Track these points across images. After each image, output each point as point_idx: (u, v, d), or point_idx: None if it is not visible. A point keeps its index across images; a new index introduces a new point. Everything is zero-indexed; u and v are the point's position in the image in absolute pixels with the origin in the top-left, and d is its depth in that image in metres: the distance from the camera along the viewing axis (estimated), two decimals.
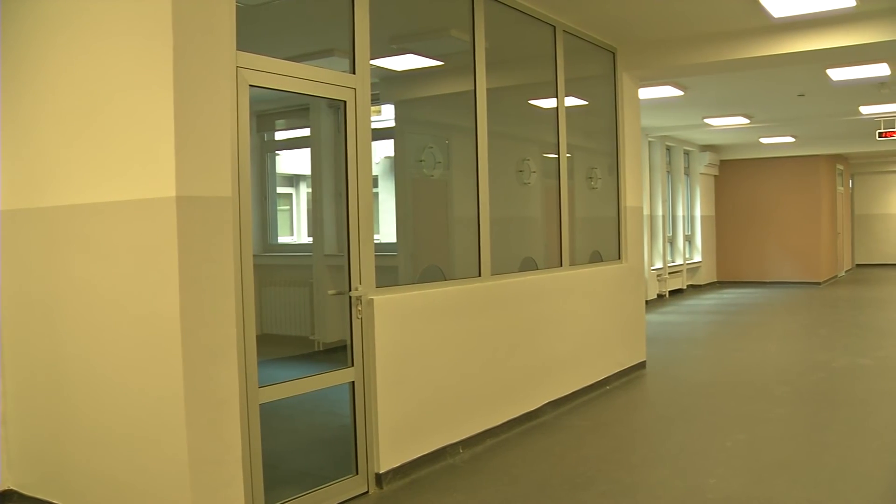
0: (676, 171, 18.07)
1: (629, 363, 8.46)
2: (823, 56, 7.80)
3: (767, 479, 5.18)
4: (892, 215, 25.58)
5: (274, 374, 4.59)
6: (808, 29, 7.40)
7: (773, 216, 20.15)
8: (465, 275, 6.11)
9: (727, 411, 7.04)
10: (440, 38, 6.45)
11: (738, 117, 14.07)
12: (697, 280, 19.23)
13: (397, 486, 5.15)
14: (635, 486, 5.15)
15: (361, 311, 4.98)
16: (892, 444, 6.00)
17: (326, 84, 4.82)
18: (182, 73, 3.72)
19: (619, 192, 8.48)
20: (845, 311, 14.75)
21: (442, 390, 5.63)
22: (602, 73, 8.33)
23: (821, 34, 7.37)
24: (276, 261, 10.32)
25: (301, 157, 13.95)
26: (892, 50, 7.86)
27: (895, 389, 7.76)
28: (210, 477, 3.86)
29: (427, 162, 6.04)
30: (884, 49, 7.58)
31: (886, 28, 7.09)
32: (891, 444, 6.00)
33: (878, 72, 9.82)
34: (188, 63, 3.75)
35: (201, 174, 3.81)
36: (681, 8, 7.11)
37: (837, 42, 7.32)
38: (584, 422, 6.71)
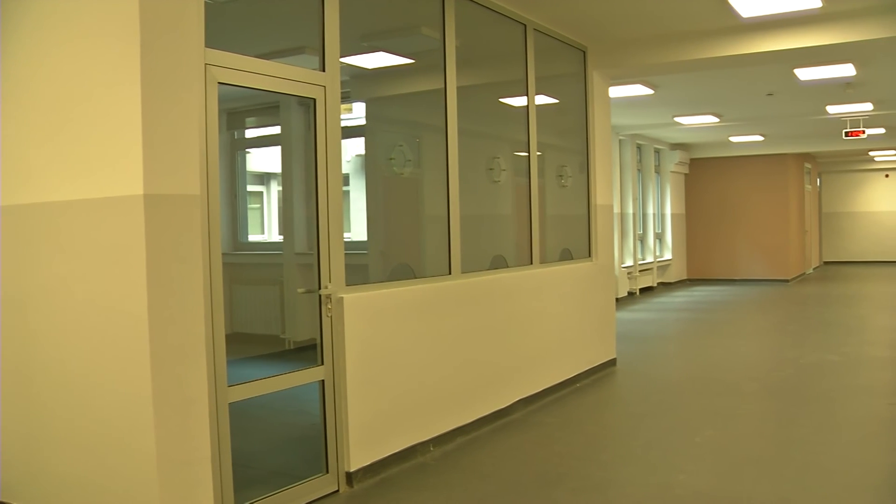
0: (647, 170, 18.16)
1: (599, 361, 8.50)
2: (791, 56, 7.87)
3: (736, 475, 5.22)
4: (858, 213, 25.87)
5: (244, 373, 4.57)
6: (776, 29, 7.47)
7: (743, 214, 20.32)
8: (435, 273, 6.11)
9: (697, 408, 7.09)
10: (411, 35, 6.44)
11: (708, 116, 14.17)
12: (668, 278, 19.34)
13: (368, 485, 5.14)
14: (605, 483, 5.18)
15: (331, 309, 4.96)
16: (858, 438, 6.07)
17: (296, 82, 4.80)
18: (149, 71, 3.68)
19: (590, 190, 8.51)
20: (813, 307, 14.90)
21: (412, 388, 5.63)
22: (572, 71, 8.35)
23: (788, 34, 7.44)
24: (246, 259, 10.26)
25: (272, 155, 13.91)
26: (858, 51, 7.95)
27: (862, 385, 7.85)
28: (179, 477, 3.83)
29: (397, 160, 6.03)
30: (849, 50, 7.67)
31: (852, 29, 7.17)
32: (857, 438, 6.07)
33: (843, 72, 9.95)
34: (155, 60, 3.71)
35: (169, 172, 3.78)
36: (651, 7, 7.15)
37: (804, 42, 7.39)
38: (555, 419, 6.73)
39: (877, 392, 7.60)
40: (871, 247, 25.65)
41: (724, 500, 4.78)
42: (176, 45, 3.84)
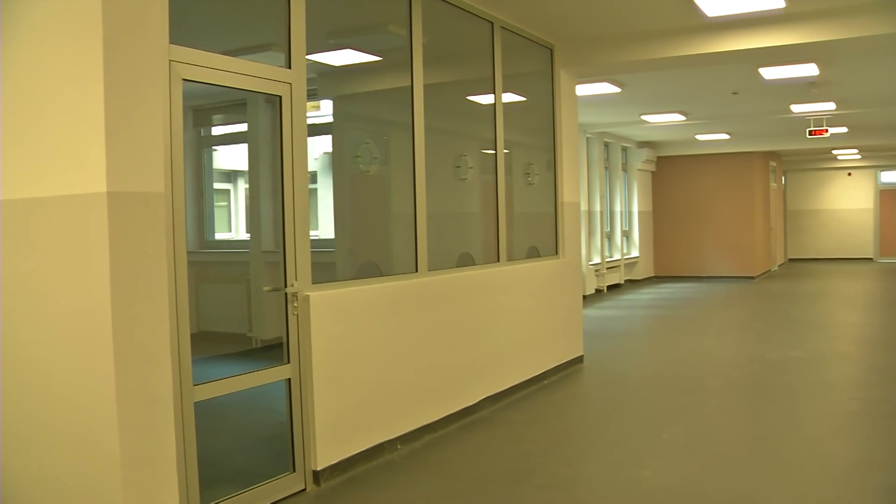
0: (614, 167, 18.25)
1: (567, 358, 8.53)
2: (755, 55, 7.95)
3: (702, 471, 5.27)
4: (822, 211, 26.18)
5: (211, 372, 4.54)
6: (741, 28, 7.54)
7: (709, 212, 20.47)
8: (402, 270, 6.10)
9: (663, 404, 7.14)
10: (378, 33, 6.42)
11: (675, 114, 14.26)
12: (635, 275, 19.45)
13: (335, 483, 5.13)
14: (573, 480, 5.20)
15: (297, 307, 4.95)
16: (821, 433, 6.15)
17: (261, 79, 4.77)
18: (112, 68, 3.64)
19: (557, 187, 8.54)
20: (778, 304, 15.05)
21: (379, 386, 5.62)
22: (540, 69, 8.37)
23: (752, 34, 7.51)
24: (213, 257, 10.19)
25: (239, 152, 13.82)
26: (820, 51, 8.04)
27: (825, 380, 7.95)
28: (143, 477, 3.80)
29: (363, 158, 6.02)
30: (812, 50, 7.76)
31: (814, 30, 7.25)
32: (820, 433, 6.15)
33: (807, 72, 10.06)
34: (119, 57, 3.68)
35: (133, 169, 3.74)
36: (617, 6, 7.18)
37: (768, 42, 7.46)
38: (522, 416, 6.75)
39: (840, 387, 7.69)
40: (835, 244, 25.99)
41: (690, 495, 4.82)
42: (139, 42, 3.80)
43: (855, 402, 7.10)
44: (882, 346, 10.02)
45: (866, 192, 25.85)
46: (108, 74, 3.62)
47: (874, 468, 5.27)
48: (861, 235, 25.81)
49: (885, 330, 11.41)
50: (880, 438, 6.01)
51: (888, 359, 9.00)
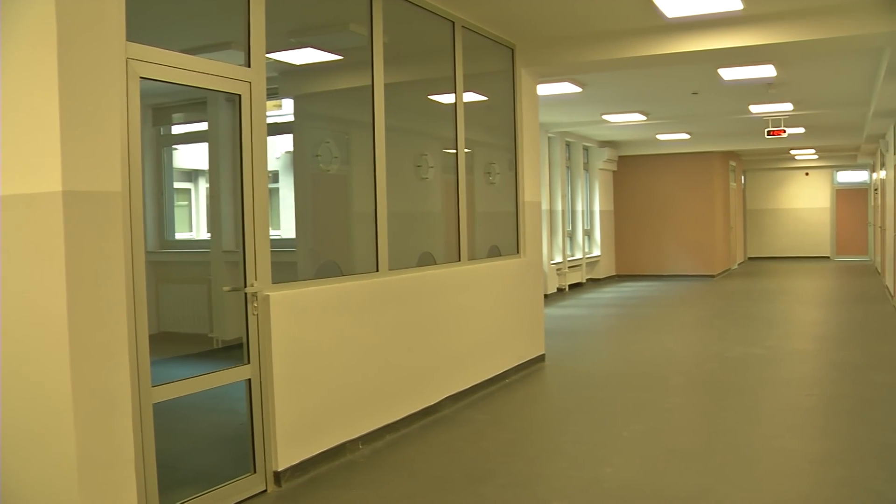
0: (576, 167, 18.33)
1: (528, 356, 8.56)
2: (714, 56, 8.02)
3: (662, 468, 5.31)
4: (781, 210, 26.51)
5: (172, 373, 4.50)
6: (700, 30, 7.60)
7: (670, 211, 20.64)
8: (363, 270, 6.09)
9: (624, 402, 7.19)
10: (339, 32, 6.41)
11: (636, 114, 14.35)
12: (597, 274, 19.56)
13: (296, 484, 5.11)
14: (534, 478, 5.22)
15: (257, 307, 4.92)
16: (778, 428, 6.23)
17: (221, 77, 4.73)
18: (67, 65, 3.60)
19: (518, 187, 8.56)
20: (738, 302, 15.21)
21: (341, 386, 5.61)
22: (501, 69, 8.39)
23: (711, 35, 7.58)
24: (173, 257, 10.10)
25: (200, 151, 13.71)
26: (777, 52, 8.14)
27: (783, 377, 8.05)
28: (100, 480, 3.76)
29: (324, 157, 6.00)
30: (769, 51, 7.84)
31: (772, 31, 7.34)
32: (778, 429, 6.23)
33: (765, 72, 10.17)
34: (73, 54, 3.63)
35: (89, 168, 3.70)
36: (578, 6, 7.22)
37: (726, 43, 7.54)
38: (484, 415, 6.76)
39: (797, 384, 7.80)
40: (793, 243, 26.33)
41: (650, 492, 4.86)
42: (96, 40, 3.76)
43: (812, 398, 7.20)
44: (838, 342, 10.18)
45: (823, 191, 26.23)
46: (62, 72, 3.58)
47: (830, 462, 5.35)
48: (818, 234, 26.18)
49: (841, 327, 11.59)
50: (836, 433, 6.10)
51: (844, 355, 9.13)
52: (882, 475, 5.01)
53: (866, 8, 7.00)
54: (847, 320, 12.28)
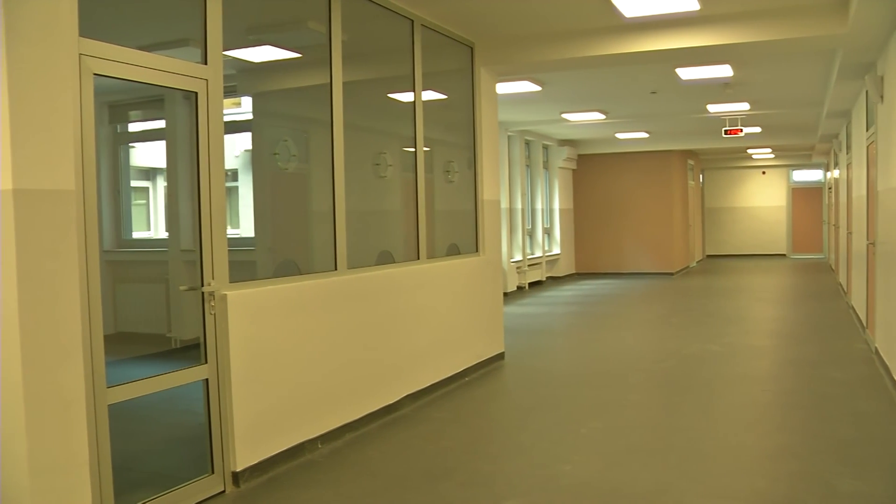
0: (535, 165, 18.40)
1: (488, 355, 8.58)
2: (672, 56, 8.09)
3: (620, 464, 5.34)
4: (738, 209, 26.81)
5: (129, 374, 4.45)
6: (657, 30, 7.66)
7: (629, 209, 20.79)
8: (321, 269, 6.06)
9: (583, 400, 7.23)
10: (297, 29, 6.36)
11: (595, 113, 14.43)
12: (556, 272, 19.64)
13: (255, 484, 5.07)
14: (493, 476, 5.23)
15: (214, 306, 4.88)
16: (735, 424, 6.30)
17: (176, 74, 4.68)
18: (16, 60, 3.54)
19: (477, 185, 8.58)
20: (696, 300, 15.36)
21: (299, 385, 5.58)
22: (460, 67, 8.39)
23: (669, 35, 7.64)
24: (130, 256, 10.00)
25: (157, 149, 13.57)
26: (734, 52, 8.22)
27: (740, 373, 8.14)
28: (53, 483, 3.70)
29: (282, 155, 5.96)
30: (726, 51, 7.92)
31: (728, 32, 7.42)
32: (734, 424, 6.30)
33: (722, 72, 10.27)
34: (23, 49, 3.57)
35: (40, 166, 3.64)
36: (537, 6, 7.24)
37: (684, 43, 7.60)
38: (443, 414, 6.76)
39: (754, 379, 7.89)
40: (750, 240, 26.66)
41: (609, 489, 4.89)
42: (46, 35, 3.70)
43: (768, 394, 7.29)
44: (794, 339, 10.31)
45: (780, 190, 26.57)
46: (11, 67, 3.52)
47: (786, 457, 5.42)
48: (775, 232, 26.53)
49: (796, 323, 11.74)
50: (791, 428, 6.18)
51: (799, 351, 9.26)
52: (837, 469, 5.08)
53: (819, 11, 7.10)
54: (803, 317, 12.44)
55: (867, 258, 9.52)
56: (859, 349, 9.19)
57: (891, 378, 7.21)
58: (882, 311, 8.06)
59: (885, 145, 7.69)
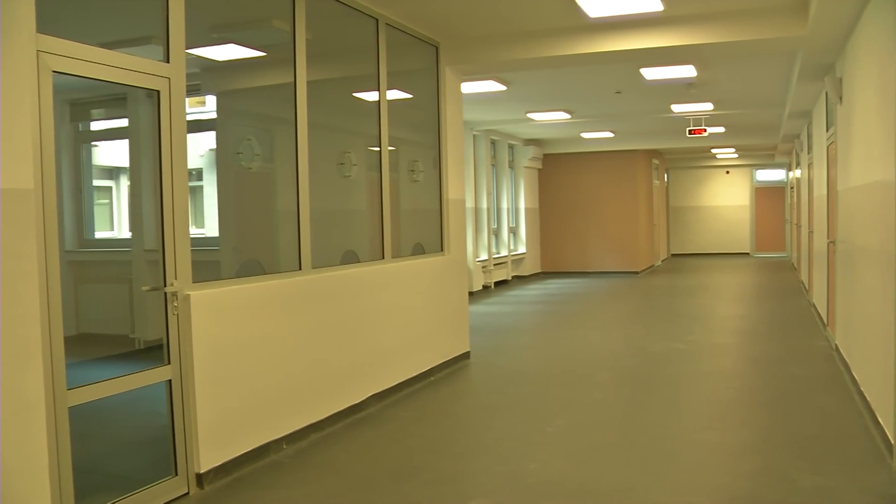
0: (501, 165, 18.44)
1: (453, 354, 8.58)
2: (636, 56, 8.13)
3: (585, 462, 5.37)
4: (703, 208, 27.04)
5: (91, 375, 4.40)
6: (622, 30, 7.71)
7: (595, 208, 20.89)
8: (285, 268, 6.03)
9: (549, 398, 7.25)
10: (261, 28, 6.33)
11: (560, 112, 14.48)
12: (522, 271, 19.69)
13: (219, 486, 5.04)
14: (459, 475, 5.23)
15: (177, 307, 4.84)
16: (699, 421, 6.35)
17: (138, 73, 4.64)
18: None
19: (442, 184, 8.58)
20: (661, 298, 15.46)
21: (264, 386, 5.55)
22: (425, 66, 8.39)
23: (633, 35, 7.69)
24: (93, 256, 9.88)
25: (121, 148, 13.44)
26: (697, 53, 8.28)
27: (705, 371, 8.21)
28: (12, 489, 3.65)
29: (245, 154, 5.92)
30: (689, 52, 7.98)
31: (691, 32, 7.48)
32: (698, 421, 6.35)
33: (686, 73, 10.35)
34: None
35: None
36: (502, 5, 7.25)
37: (648, 43, 7.66)
38: (409, 413, 6.76)
39: (718, 377, 7.96)
40: (714, 239, 26.90)
41: (574, 487, 4.91)
42: (2, 31, 3.65)
43: (732, 391, 7.36)
44: (757, 336, 10.42)
45: (743, 189, 26.84)
46: None
47: (749, 453, 5.47)
48: (739, 231, 26.80)
49: (760, 321, 11.86)
50: (754, 424, 6.25)
51: (762, 348, 9.35)
52: (799, 464, 5.14)
53: (780, 13, 7.19)
54: (766, 315, 12.57)
55: (828, 257, 9.63)
56: (820, 346, 9.29)
57: (850, 374, 7.31)
58: (842, 308, 8.16)
59: (844, 146, 7.79)
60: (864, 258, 6.46)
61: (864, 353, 6.52)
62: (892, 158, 4.95)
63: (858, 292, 6.83)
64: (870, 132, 6.06)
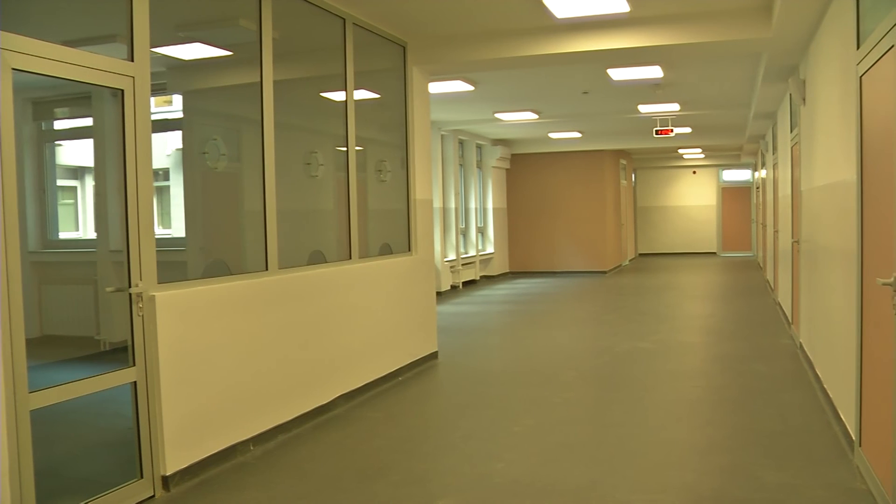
0: (469, 165, 18.46)
1: (421, 354, 8.58)
2: (603, 56, 8.18)
3: (552, 461, 5.38)
4: (670, 207, 27.23)
5: (55, 378, 4.34)
6: (589, 30, 7.75)
7: (562, 208, 20.97)
8: (252, 269, 6.00)
9: (516, 398, 7.26)
10: (228, 27, 6.29)
11: (528, 112, 14.52)
12: (490, 271, 19.73)
13: (186, 488, 5.00)
14: (426, 475, 5.23)
15: (142, 308, 4.79)
16: (665, 420, 6.39)
17: (102, 71, 4.59)
18: None
19: (409, 184, 8.57)
20: (628, 298, 15.54)
21: (231, 387, 5.51)
22: (392, 66, 8.38)
23: (600, 36, 7.74)
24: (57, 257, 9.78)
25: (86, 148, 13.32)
26: (664, 54, 8.35)
27: (671, 370, 8.26)
28: None
29: (211, 154, 5.88)
30: (656, 52, 8.04)
31: (657, 33, 7.54)
32: (665, 420, 6.39)
33: (652, 73, 10.41)
34: None
35: None
36: (469, 5, 7.26)
37: (614, 44, 7.70)
38: (377, 413, 6.75)
39: (684, 376, 8.01)
40: (681, 239, 27.10)
41: (541, 486, 4.92)
42: None
43: (698, 390, 7.40)
44: (723, 335, 10.50)
45: (710, 189, 27.06)
46: None
47: (715, 451, 5.52)
48: (705, 231, 27.01)
49: (726, 320, 11.96)
50: (721, 422, 6.30)
51: (728, 347, 9.43)
52: (764, 462, 5.19)
53: (745, 15, 7.27)
54: (732, 313, 12.68)
55: (792, 256, 9.74)
56: (785, 344, 9.39)
57: (814, 372, 7.39)
58: (806, 307, 8.25)
59: (807, 146, 7.87)
60: (826, 257, 6.54)
61: (827, 350, 6.60)
62: (853, 159, 5.01)
63: (821, 291, 6.91)
64: (832, 133, 6.14)
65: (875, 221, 4.44)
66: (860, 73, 4.79)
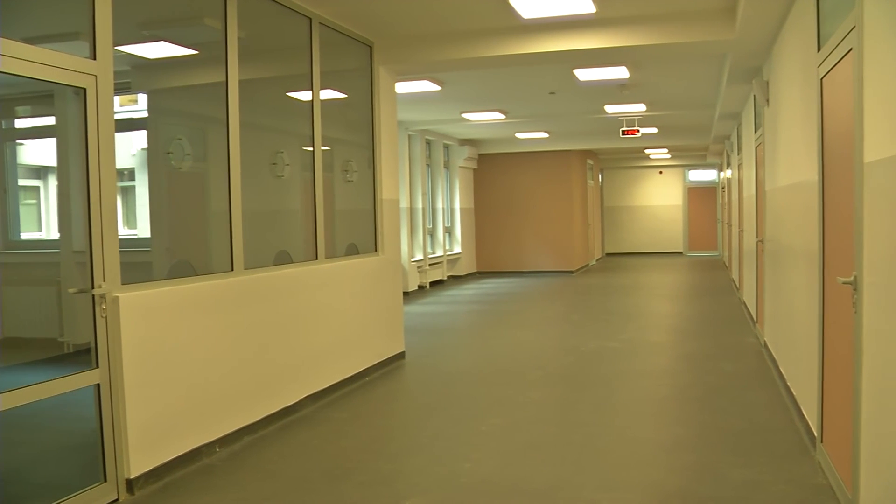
0: (436, 165, 18.46)
1: (388, 354, 8.57)
2: (569, 57, 8.22)
3: (519, 461, 5.40)
4: (636, 207, 27.40)
5: (18, 380, 4.29)
6: (555, 31, 7.79)
7: (530, 208, 21.03)
8: (217, 269, 5.96)
9: (483, 397, 7.27)
10: (192, 26, 6.24)
11: (495, 112, 14.55)
12: (458, 271, 19.75)
13: (150, 491, 4.96)
14: (394, 475, 5.23)
15: (105, 309, 4.75)
16: (632, 418, 6.44)
17: (63, 69, 4.54)
18: None
19: (376, 184, 8.56)
20: (596, 297, 15.62)
21: (196, 389, 5.48)
22: (359, 66, 8.36)
23: (566, 36, 7.78)
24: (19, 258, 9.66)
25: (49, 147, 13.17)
26: (629, 55, 8.40)
27: (638, 369, 8.31)
28: None
29: (175, 154, 5.83)
30: (622, 53, 8.08)
31: (623, 34, 7.60)
32: (631, 418, 6.44)
33: (619, 74, 10.47)
34: None
35: None
36: (436, 5, 7.26)
37: (580, 44, 7.75)
38: (344, 414, 6.73)
39: (651, 375, 8.06)
40: (648, 239, 27.28)
41: (508, 485, 4.93)
42: None
43: (664, 388, 7.45)
44: (689, 334, 10.58)
45: (676, 189, 27.26)
46: None
47: (681, 449, 5.56)
48: (672, 230, 27.21)
49: (692, 319, 12.05)
50: (687, 420, 6.34)
51: (695, 346, 9.50)
52: (729, 459, 5.23)
53: (709, 17, 7.34)
54: (698, 312, 12.78)
55: (757, 255, 9.83)
56: (750, 343, 9.48)
57: (777, 370, 7.46)
58: (770, 306, 8.33)
59: (771, 147, 7.96)
60: (789, 256, 6.61)
61: (791, 348, 6.67)
62: (814, 160, 5.07)
63: (785, 290, 6.98)
64: (794, 134, 6.21)
65: (836, 221, 4.50)
66: (821, 75, 4.85)
